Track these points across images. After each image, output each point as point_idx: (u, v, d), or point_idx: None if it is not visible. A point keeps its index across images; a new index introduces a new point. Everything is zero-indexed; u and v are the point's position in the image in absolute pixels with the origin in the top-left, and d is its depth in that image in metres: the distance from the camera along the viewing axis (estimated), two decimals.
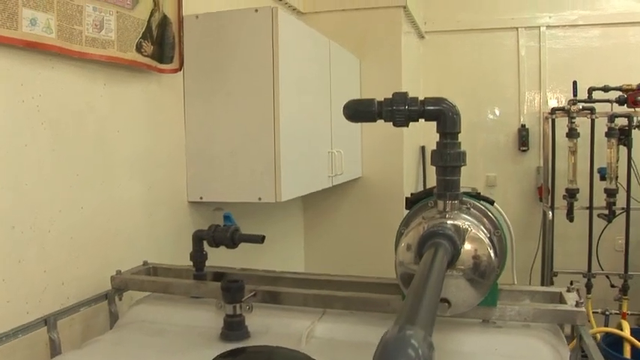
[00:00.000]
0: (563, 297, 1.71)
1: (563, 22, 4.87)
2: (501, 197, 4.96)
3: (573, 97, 4.28)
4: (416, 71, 4.83)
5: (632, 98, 4.18)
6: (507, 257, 1.64)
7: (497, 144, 4.96)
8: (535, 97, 4.90)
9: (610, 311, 4.38)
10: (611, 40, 4.84)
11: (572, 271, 4.36)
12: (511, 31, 4.93)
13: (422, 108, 1.41)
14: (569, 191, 4.24)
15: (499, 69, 4.95)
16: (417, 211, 1.61)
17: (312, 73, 3.14)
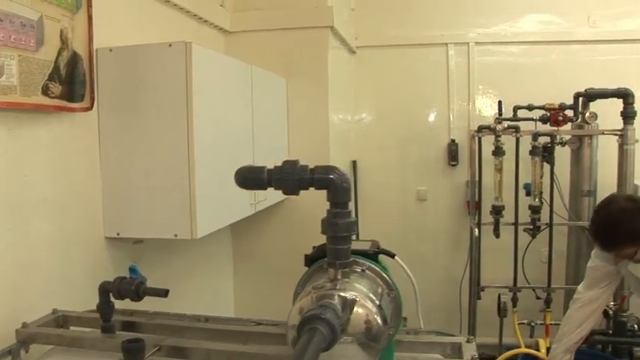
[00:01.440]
0: (462, 349, 1.74)
1: (492, 39, 4.97)
2: (432, 211, 5.04)
3: (498, 116, 4.36)
4: (347, 87, 4.86)
5: (554, 117, 4.28)
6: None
7: (428, 158, 5.02)
8: (464, 111, 4.97)
9: (536, 322, 4.49)
10: (537, 57, 4.96)
11: (498, 285, 4.45)
12: (441, 46, 4.99)
13: (311, 176, 1.40)
14: (495, 208, 4.32)
15: (429, 84, 5.01)
16: (314, 270, 1.62)
17: (232, 102, 3.12)
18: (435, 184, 5.03)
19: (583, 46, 4.95)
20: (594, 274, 3.04)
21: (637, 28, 4.92)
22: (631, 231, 2.57)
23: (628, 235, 2.58)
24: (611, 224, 2.64)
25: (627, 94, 4.20)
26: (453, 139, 4.93)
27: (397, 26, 5.03)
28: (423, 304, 5.05)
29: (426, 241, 5.08)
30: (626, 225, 2.57)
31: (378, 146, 5.06)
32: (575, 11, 4.96)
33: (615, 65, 4.93)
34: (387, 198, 5.07)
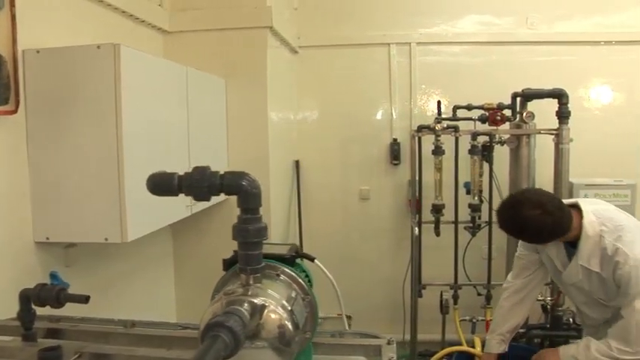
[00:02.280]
0: (381, 350, 1.76)
1: (433, 39, 5.03)
2: (375, 210, 5.08)
3: (438, 116, 4.41)
4: (289, 86, 4.86)
5: (492, 117, 4.35)
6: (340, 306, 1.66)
7: (371, 158, 5.06)
8: (406, 111, 5.02)
9: (477, 318, 4.57)
10: (478, 57, 5.04)
11: (439, 283, 4.51)
12: (383, 46, 5.03)
13: (221, 183, 1.40)
14: (435, 207, 4.37)
15: (372, 83, 5.05)
16: (231, 275, 1.63)
17: (165, 104, 3.09)
18: (378, 184, 5.07)
19: (521, 47, 5.04)
20: (519, 262, 3.09)
21: (572, 30, 5.05)
22: (550, 231, 2.63)
23: (548, 234, 2.65)
24: (531, 236, 2.72)
25: (562, 94, 4.29)
26: (395, 138, 4.97)
27: (340, 26, 5.06)
28: (368, 303, 5.14)
29: (369, 241, 5.11)
30: (546, 232, 2.63)
31: (321, 146, 5.08)
32: (514, 13, 5.06)
33: (552, 66, 5.04)
34: (329, 198, 5.09)
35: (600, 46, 5.11)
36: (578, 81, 5.07)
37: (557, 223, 2.61)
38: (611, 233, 2.63)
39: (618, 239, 2.61)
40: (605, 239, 2.63)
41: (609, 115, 5.14)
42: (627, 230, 2.64)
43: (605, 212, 2.74)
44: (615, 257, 2.59)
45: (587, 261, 2.70)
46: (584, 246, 2.69)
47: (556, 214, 2.60)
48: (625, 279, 2.57)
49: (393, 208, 5.05)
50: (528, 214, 2.60)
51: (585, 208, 2.73)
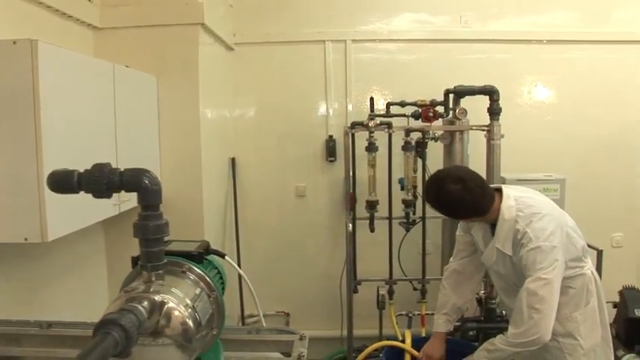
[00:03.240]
0: (293, 346, 1.77)
1: (369, 37, 5.05)
2: (311, 207, 5.09)
3: (371, 113, 4.44)
4: (224, 84, 4.83)
5: (425, 113, 4.40)
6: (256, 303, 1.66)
7: (307, 155, 5.06)
8: (342, 108, 5.04)
9: (413, 313, 4.63)
10: (413, 55, 5.10)
11: (375, 278, 4.55)
12: (319, 44, 5.03)
13: (120, 179, 1.39)
14: (369, 203, 4.40)
15: (308, 81, 5.05)
16: (137, 273, 1.61)
17: (89, 102, 3.03)
18: (314, 181, 5.08)
19: (455, 44, 5.12)
20: (457, 243, 3.20)
21: (505, 29, 5.15)
22: (470, 207, 2.75)
23: (469, 210, 2.78)
24: (449, 209, 2.85)
25: (493, 91, 4.37)
26: (330, 135, 4.99)
27: (276, 23, 5.05)
28: (306, 300, 5.15)
29: (307, 237, 5.13)
30: (463, 208, 2.77)
31: (257, 143, 5.07)
32: (449, 11, 5.13)
33: (486, 64, 5.13)
34: (266, 195, 5.09)
35: (532, 45, 5.22)
36: (511, 78, 5.17)
37: (475, 200, 2.72)
38: (525, 219, 2.74)
39: (529, 224, 2.72)
40: (518, 223, 2.74)
41: (540, 111, 5.27)
42: (540, 218, 2.74)
43: (526, 199, 2.85)
44: (522, 240, 2.71)
45: (502, 244, 2.81)
46: (501, 229, 2.81)
47: (476, 192, 2.72)
48: (524, 261, 2.69)
49: (330, 205, 5.07)
50: (449, 188, 2.72)
51: (507, 192, 2.86)
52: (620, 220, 5.42)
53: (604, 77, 5.27)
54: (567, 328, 2.90)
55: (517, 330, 2.71)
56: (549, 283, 2.65)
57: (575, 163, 5.21)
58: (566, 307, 2.89)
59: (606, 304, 3.08)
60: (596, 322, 2.97)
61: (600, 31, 5.24)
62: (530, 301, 2.65)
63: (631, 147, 5.34)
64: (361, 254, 4.71)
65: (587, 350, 2.92)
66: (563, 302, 2.85)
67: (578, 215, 4.82)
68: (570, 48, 5.26)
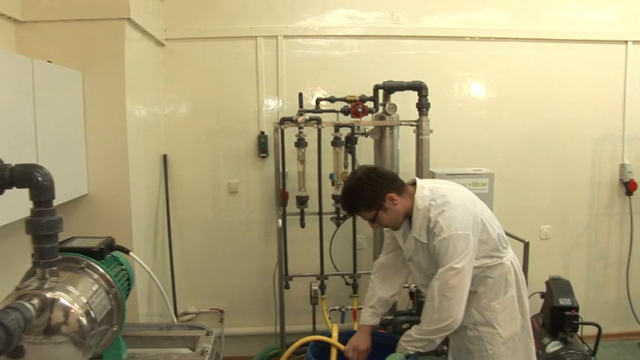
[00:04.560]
0: (199, 341, 1.75)
1: (300, 33, 5.04)
2: (244, 203, 5.07)
3: (300, 108, 4.44)
4: (154, 80, 4.77)
5: (354, 109, 4.43)
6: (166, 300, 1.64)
7: (239, 151, 5.03)
8: (273, 104, 5.02)
9: (347, 308, 4.66)
10: (344, 51, 5.11)
11: (307, 274, 4.56)
12: (250, 39, 5.00)
13: (11, 175, 1.35)
14: (299, 198, 4.41)
15: (240, 77, 5.01)
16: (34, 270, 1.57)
17: (5, 97, 2.95)
18: (246, 177, 5.05)
19: (387, 41, 5.15)
20: (385, 238, 3.29)
21: (436, 25, 5.22)
22: (364, 197, 2.88)
23: (363, 201, 2.89)
24: (349, 195, 2.96)
25: (421, 87, 4.43)
26: (262, 131, 4.96)
27: (207, 19, 4.99)
28: (241, 296, 5.12)
29: (240, 234, 5.10)
30: (360, 195, 2.89)
31: (189, 140, 5.01)
32: (381, 8, 5.16)
33: (418, 60, 5.19)
34: (199, 191, 5.04)
35: (464, 42, 5.31)
36: (443, 75, 5.25)
37: (375, 190, 2.88)
38: (437, 208, 2.83)
39: (441, 213, 2.80)
40: (431, 212, 2.83)
41: (472, 107, 5.36)
42: (452, 207, 2.83)
43: (440, 189, 2.94)
44: (434, 229, 2.79)
45: (419, 233, 2.89)
46: (416, 218, 2.89)
47: (368, 183, 2.89)
48: (437, 250, 2.78)
49: (262, 201, 5.05)
50: (359, 176, 2.94)
51: (421, 183, 2.97)
52: (548, 213, 5.57)
53: (533, 74, 5.41)
54: (486, 317, 2.98)
55: (429, 317, 2.79)
56: (460, 271, 2.73)
57: (505, 158, 5.34)
58: (485, 297, 2.98)
59: (528, 295, 3.17)
60: (515, 312, 3.05)
61: (530, 29, 5.38)
62: (441, 289, 2.73)
63: (558, 141, 5.49)
64: (294, 250, 4.73)
65: (506, 339, 3.00)
66: (482, 292, 2.96)
67: (507, 208, 5.01)
68: (501, 45, 5.38)
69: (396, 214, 2.93)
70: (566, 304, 4.55)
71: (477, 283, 2.93)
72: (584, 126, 5.54)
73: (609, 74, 5.56)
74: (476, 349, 3.03)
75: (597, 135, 5.59)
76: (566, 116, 5.48)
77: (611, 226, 5.72)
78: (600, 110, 5.55)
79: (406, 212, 2.94)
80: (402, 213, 2.94)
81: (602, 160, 5.63)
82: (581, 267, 5.71)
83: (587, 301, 5.59)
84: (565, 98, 5.46)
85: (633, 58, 5.54)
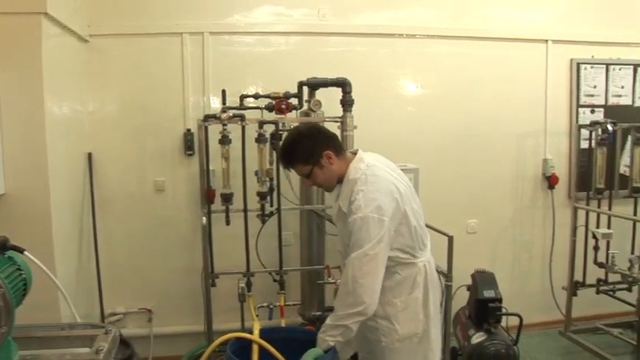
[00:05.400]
0: (96, 340, 1.74)
1: (226, 29, 5.02)
2: (171, 201, 5.03)
3: (224, 105, 4.43)
4: (77, 76, 4.68)
5: (278, 106, 4.44)
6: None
7: (165, 148, 4.97)
8: (199, 101, 4.99)
9: (274, 304, 4.67)
10: (271, 47, 5.12)
11: (232, 271, 4.55)
12: (176, 36, 4.95)
13: None
14: (223, 196, 4.40)
15: (166, 74, 4.95)
16: None
17: None
18: (173, 175, 5.00)
19: (314, 37, 5.18)
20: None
21: (363, 22, 5.30)
22: (302, 149, 2.98)
23: (301, 153, 2.99)
24: (288, 146, 3.04)
25: (345, 83, 4.46)
26: (188, 129, 4.92)
27: (133, 15, 4.92)
28: (170, 295, 5.07)
29: (168, 232, 5.04)
30: (298, 147, 2.99)
31: (115, 137, 4.92)
32: (307, 5, 5.19)
33: (345, 57, 5.24)
34: (125, 190, 4.96)
35: (391, 39, 5.38)
36: (371, 71, 5.30)
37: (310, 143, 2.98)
38: (363, 183, 2.86)
39: (364, 191, 2.84)
40: (357, 186, 2.86)
41: (398, 103, 5.44)
42: (377, 189, 2.86)
43: (376, 169, 2.99)
44: (352, 205, 2.83)
45: (343, 201, 2.94)
46: (345, 186, 2.97)
47: (308, 137, 3.02)
48: (351, 226, 2.81)
49: (189, 199, 5.00)
50: (300, 130, 3.14)
51: (362, 155, 3.06)
52: (475, 208, 5.69)
53: (460, 71, 5.53)
54: (387, 311, 3.03)
55: (344, 302, 2.81)
56: (374, 258, 2.77)
57: (432, 154, 5.44)
58: (390, 292, 3.01)
59: (440, 299, 3.34)
60: (418, 314, 3.08)
61: (456, 27, 5.50)
62: (355, 275, 2.76)
63: (484, 137, 5.62)
64: (221, 248, 4.71)
65: (402, 337, 3.05)
66: (388, 287, 2.97)
67: (434, 203, 5.09)
68: (429, 43, 5.48)
69: (330, 173, 3.00)
70: (490, 296, 4.66)
71: (385, 276, 2.89)
72: (509, 122, 5.69)
73: (532, 72, 5.73)
74: (373, 338, 3.10)
75: (521, 131, 5.74)
76: (492, 112, 5.61)
77: (534, 219, 5.89)
78: (524, 107, 5.72)
79: (340, 176, 3.01)
80: (336, 175, 3.01)
81: (526, 155, 5.79)
82: (507, 259, 5.86)
83: (513, 292, 5.70)
84: (490, 95, 5.59)
85: (553, 56, 5.71)
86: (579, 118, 5.85)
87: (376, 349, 3.10)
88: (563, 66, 5.84)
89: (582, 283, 5.46)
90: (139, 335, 5.00)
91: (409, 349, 3.07)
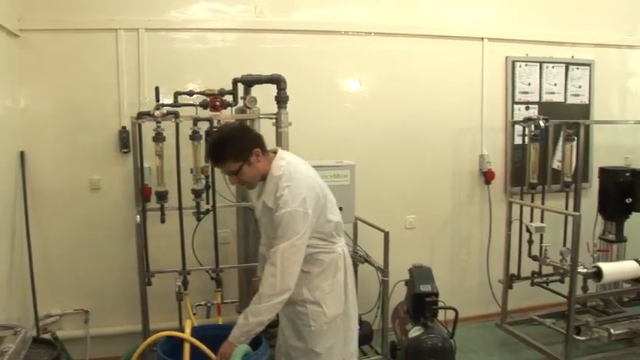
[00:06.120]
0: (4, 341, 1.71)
1: (162, 26, 4.96)
2: (107, 200, 4.95)
3: (157, 102, 4.38)
4: (7, 73, 4.56)
5: (212, 103, 4.42)
6: None
7: (101, 146, 4.88)
8: (135, 98, 4.91)
9: (212, 302, 4.65)
10: (208, 44, 5.10)
11: (167, 270, 4.51)
12: (111, 32, 4.87)
13: None
14: (158, 194, 4.35)
15: (101, 70, 4.86)
16: None
17: None
18: (109, 173, 4.92)
19: (251, 34, 5.18)
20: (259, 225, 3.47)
21: (300, 19, 5.34)
22: (233, 146, 3.08)
23: (232, 150, 3.08)
24: (219, 143, 3.15)
25: (280, 80, 4.47)
26: (124, 126, 4.84)
27: (66, 10, 4.80)
28: (108, 295, 4.99)
29: (104, 231, 4.96)
30: (230, 144, 3.09)
31: (50, 135, 4.82)
32: (243, 1, 5.18)
33: (282, 53, 5.25)
34: (60, 188, 4.85)
35: (329, 36, 5.42)
36: (309, 68, 5.33)
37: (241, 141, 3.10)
38: (288, 180, 3.06)
39: (289, 187, 3.04)
40: (281, 182, 3.05)
41: (337, 100, 5.49)
42: (300, 184, 3.07)
43: (296, 165, 3.21)
44: (279, 200, 3.01)
45: (267, 197, 3.12)
46: (269, 183, 3.14)
47: (239, 135, 3.14)
48: (278, 220, 3.00)
49: (126, 197, 4.91)
50: (229, 129, 3.30)
51: (282, 154, 3.26)
52: (413, 203, 5.78)
53: (398, 68, 5.64)
54: (315, 296, 3.25)
55: (271, 292, 2.96)
56: (299, 248, 3.00)
57: (371, 150, 5.51)
58: (317, 278, 3.25)
59: (354, 283, 3.55)
60: (341, 295, 3.34)
61: (394, 25, 5.59)
62: (284, 265, 2.96)
63: (422, 134, 5.71)
64: (158, 246, 4.67)
65: (330, 319, 3.28)
66: (315, 273, 3.23)
67: (372, 199, 5.16)
68: (367, 40, 5.55)
69: (257, 171, 3.15)
70: (427, 291, 4.72)
71: (311, 264, 3.21)
72: (446, 119, 5.80)
73: (468, 69, 5.86)
74: (301, 323, 3.28)
75: (458, 127, 5.85)
76: (430, 109, 5.71)
77: (472, 214, 6.00)
78: (461, 104, 5.83)
79: (263, 173, 3.16)
80: (261, 172, 3.16)
81: (463, 152, 5.91)
82: (446, 254, 5.96)
83: (452, 286, 5.82)
84: (428, 92, 5.70)
85: (489, 54, 5.83)
86: (515, 114, 5.98)
87: (305, 334, 3.28)
88: (499, 63, 5.97)
89: (517, 276, 5.57)
90: (75, 337, 4.94)
91: (334, 329, 3.31)
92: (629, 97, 6.67)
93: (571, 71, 6.21)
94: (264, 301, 2.95)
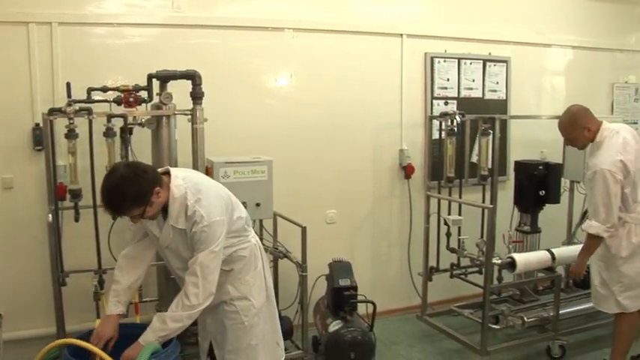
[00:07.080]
0: None
1: (77, 20, 4.81)
2: (20, 199, 4.81)
3: (69, 98, 4.29)
4: None
5: (125, 99, 4.35)
6: None
7: (12, 144, 4.71)
8: (49, 95, 4.74)
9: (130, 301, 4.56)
10: (124, 39, 4.99)
11: (82, 269, 4.43)
12: (21, 25, 4.70)
13: None
14: (71, 192, 4.28)
15: (11, 65, 4.61)
16: None
17: None
18: (22, 171, 4.76)
19: (168, 29, 5.10)
20: (128, 232, 3.43)
21: (219, 15, 5.29)
22: (133, 195, 2.89)
23: (132, 199, 2.90)
24: (115, 193, 2.90)
25: (194, 75, 4.44)
26: (37, 123, 4.69)
27: None
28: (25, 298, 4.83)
29: (17, 231, 4.79)
30: (128, 193, 2.88)
31: None
32: None
33: (201, 49, 5.20)
34: None
35: (249, 31, 5.39)
36: (228, 64, 5.30)
37: (140, 187, 2.92)
38: (193, 196, 3.01)
39: (198, 201, 3.00)
40: (188, 200, 2.99)
41: (257, 96, 5.45)
42: (207, 196, 3.05)
43: (193, 178, 3.15)
44: (194, 217, 2.97)
45: (176, 221, 3.05)
46: (173, 207, 3.04)
47: (136, 180, 2.90)
48: (197, 236, 2.98)
49: (40, 196, 4.73)
50: (123, 172, 2.92)
51: (175, 173, 3.11)
52: (334, 198, 5.82)
53: (317, 64, 5.66)
54: (242, 291, 3.30)
55: (196, 301, 2.96)
56: (218, 254, 3.03)
57: (291, 146, 5.53)
58: (240, 273, 3.30)
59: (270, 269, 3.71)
60: (263, 284, 3.43)
61: (313, 20, 5.59)
62: (204, 273, 2.96)
63: (343, 129, 5.76)
64: (75, 245, 4.59)
65: (258, 309, 3.35)
66: (237, 269, 3.29)
67: (292, 195, 5.18)
68: (286, 35, 5.55)
69: (158, 206, 3.04)
70: (345, 285, 4.81)
71: (232, 262, 3.27)
72: (367, 114, 5.86)
73: (388, 65, 5.95)
74: (232, 323, 3.31)
75: (378, 122, 5.92)
76: (350, 105, 5.76)
77: (392, 208, 6.09)
78: (381, 99, 5.90)
79: (166, 202, 3.05)
80: (162, 204, 3.04)
81: (383, 147, 5.99)
82: (366, 248, 6.03)
83: (374, 279, 5.91)
84: (349, 87, 5.75)
85: (408, 50, 5.92)
86: (434, 109, 6.09)
87: (239, 333, 3.31)
88: (418, 60, 6.07)
89: (437, 268, 5.69)
90: None
91: (263, 318, 3.41)
92: (544, 93, 6.90)
93: (488, 67, 6.36)
94: (188, 310, 2.96)
